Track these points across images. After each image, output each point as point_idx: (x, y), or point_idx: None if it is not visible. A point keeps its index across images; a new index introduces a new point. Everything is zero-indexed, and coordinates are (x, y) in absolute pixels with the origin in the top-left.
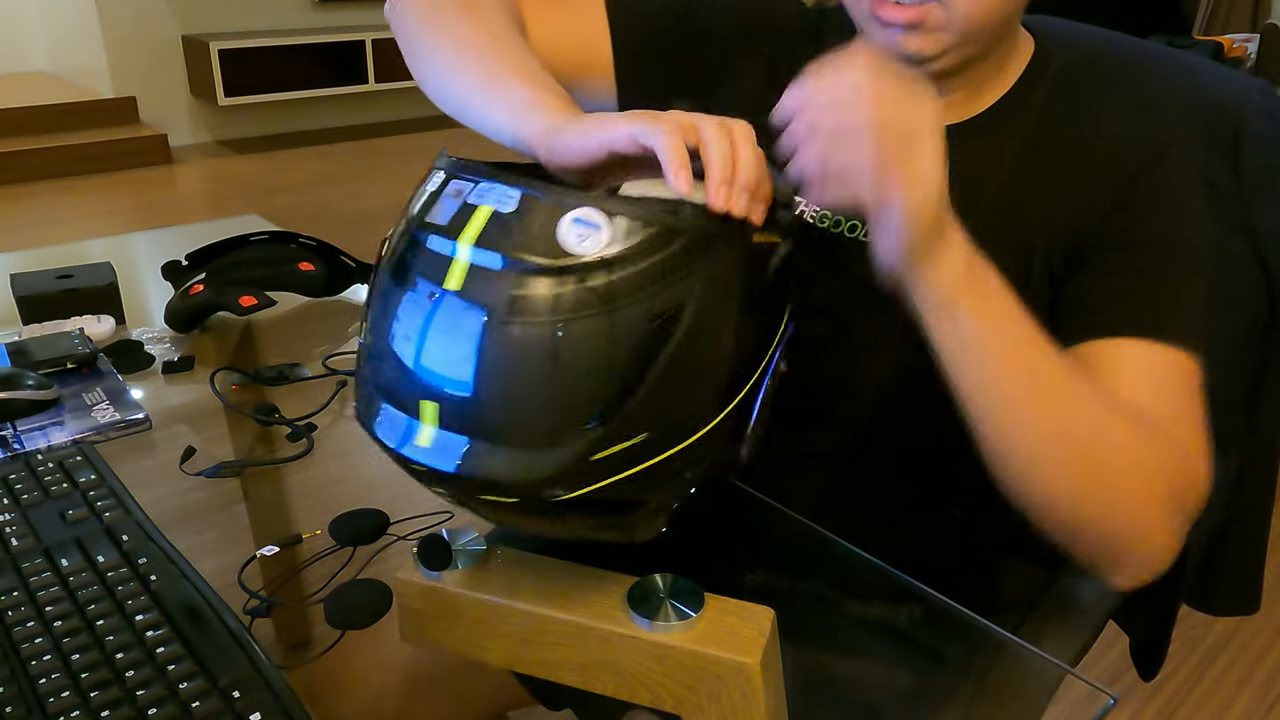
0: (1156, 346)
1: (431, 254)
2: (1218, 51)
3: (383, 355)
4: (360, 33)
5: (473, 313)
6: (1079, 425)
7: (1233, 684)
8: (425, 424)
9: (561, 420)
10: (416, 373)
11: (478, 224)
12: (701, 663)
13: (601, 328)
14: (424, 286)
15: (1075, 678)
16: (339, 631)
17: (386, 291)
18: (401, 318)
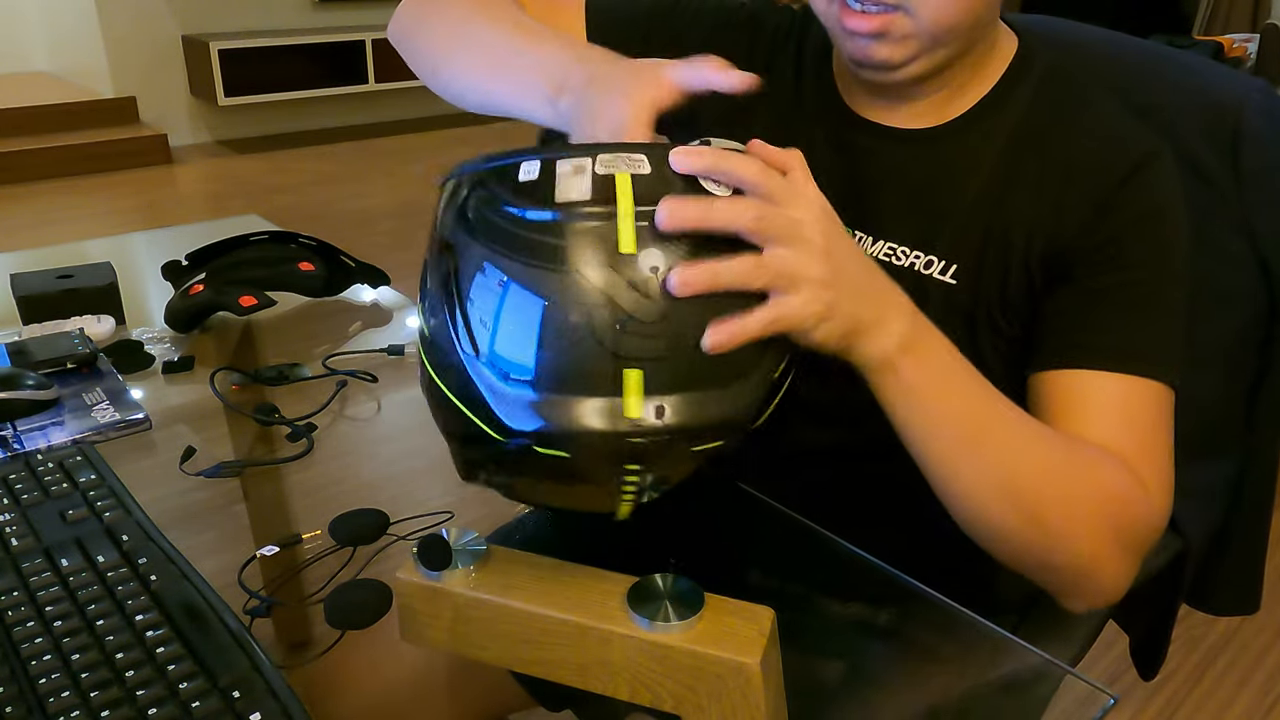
0: (1131, 380)
1: (585, 229)
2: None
3: (551, 349)
4: (360, 33)
5: (659, 268)
6: (1020, 478)
7: (1233, 684)
8: (631, 396)
9: (748, 352)
10: (612, 346)
11: (626, 188)
12: (701, 663)
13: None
14: (590, 260)
15: (1075, 678)
16: (339, 631)
17: (531, 287)
18: (567, 303)
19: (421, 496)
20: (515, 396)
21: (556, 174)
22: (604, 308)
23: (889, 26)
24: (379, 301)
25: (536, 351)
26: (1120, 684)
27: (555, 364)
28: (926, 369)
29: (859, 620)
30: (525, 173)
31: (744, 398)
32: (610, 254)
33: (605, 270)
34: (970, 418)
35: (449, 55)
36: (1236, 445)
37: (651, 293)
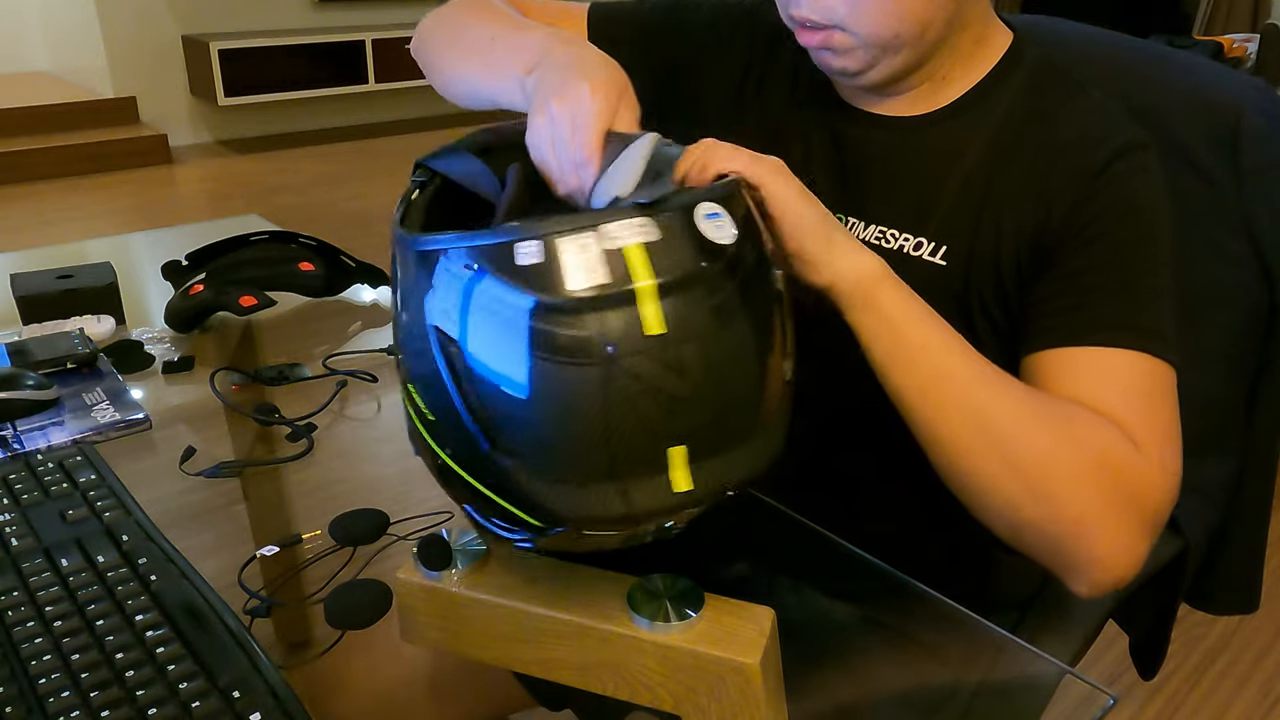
0: (1121, 353)
1: (608, 318)
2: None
3: (588, 443)
4: (360, 33)
5: (690, 343)
6: (997, 419)
7: (1233, 684)
8: (677, 471)
9: (780, 381)
10: (654, 430)
11: (642, 263)
12: (701, 663)
13: (769, 292)
14: (615, 348)
15: (1075, 677)
16: (339, 631)
17: (556, 383)
18: (602, 395)
19: (421, 496)
20: (555, 492)
21: (560, 257)
22: (642, 395)
23: (830, 42)
24: (379, 301)
25: (573, 446)
26: (1120, 684)
27: (596, 456)
28: (902, 302)
29: (858, 619)
30: (523, 255)
31: (778, 435)
32: (639, 338)
33: (638, 358)
34: (946, 354)
35: (446, 55)
36: (1236, 444)
37: (685, 368)
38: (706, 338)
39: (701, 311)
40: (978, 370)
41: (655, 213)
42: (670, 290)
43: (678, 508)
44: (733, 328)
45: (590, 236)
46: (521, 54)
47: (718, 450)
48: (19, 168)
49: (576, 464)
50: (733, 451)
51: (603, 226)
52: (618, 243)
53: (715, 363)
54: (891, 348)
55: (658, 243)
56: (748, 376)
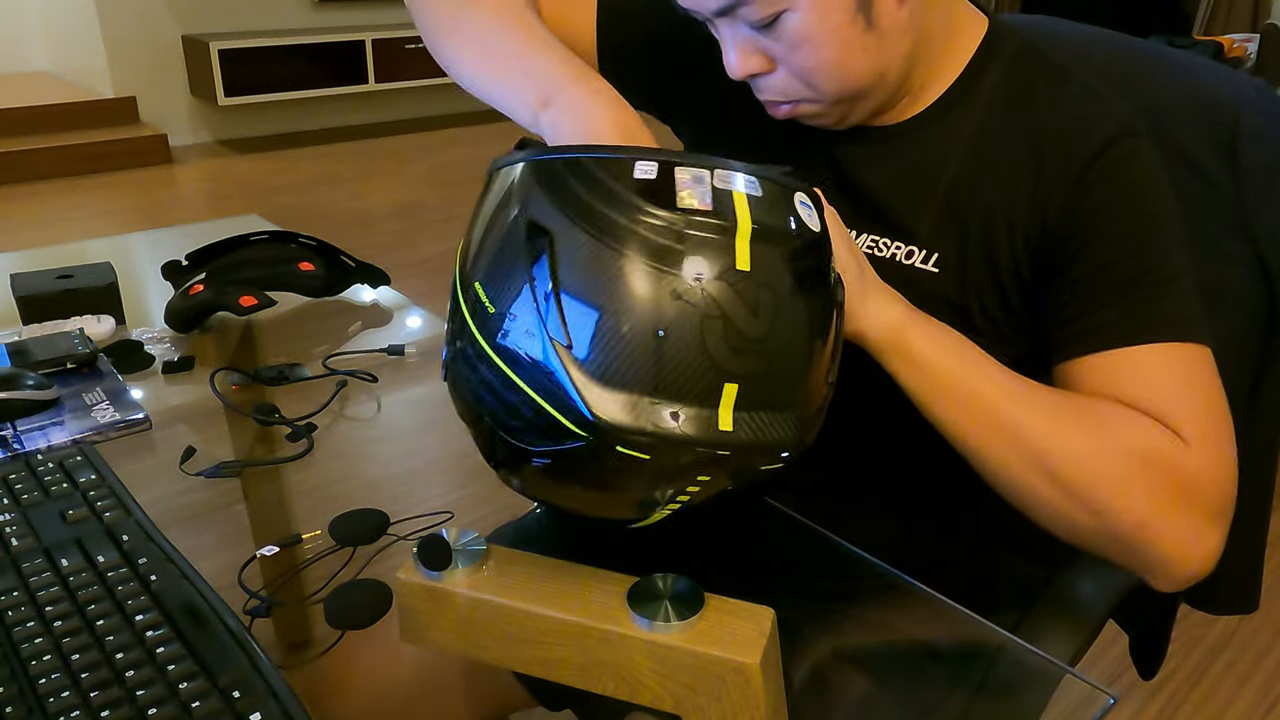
0: (1150, 348)
1: (707, 240)
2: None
3: (656, 353)
4: (360, 33)
5: (765, 289)
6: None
7: (1233, 684)
8: (725, 408)
9: (824, 377)
10: (717, 359)
11: (744, 207)
12: (701, 663)
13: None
14: (707, 271)
15: (1075, 678)
16: (339, 631)
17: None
18: (678, 308)
19: (421, 496)
20: (609, 394)
21: (676, 178)
22: (716, 319)
23: (798, 111)
24: (379, 301)
25: (641, 353)
26: (1120, 684)
27: (658, 368)
28: (931, 342)
29: (859, 620)
30: (641, 170)
31: (808, 424)
32: (728, 268)
33: (721, 284)
34: (979, 382)
35: (448, 35)
36: (1236, 444)
37: (760, 311)
38: (781, 292)
39: (781, 269)
40: (1011, 391)
41: (765, 176)
42: (761, 238)
43: (713, 444)
44: (801, 299)
45: (704, 172)
46: (534, 82)
47: (762, 405)
48: (19, 168)
49: (641, 370)
50: (776, 414)
51: (718, 170)
52: (727, 185)
53: (782, 319)
54: (927, 387)
55: (760, 198)
56: (802, 350)
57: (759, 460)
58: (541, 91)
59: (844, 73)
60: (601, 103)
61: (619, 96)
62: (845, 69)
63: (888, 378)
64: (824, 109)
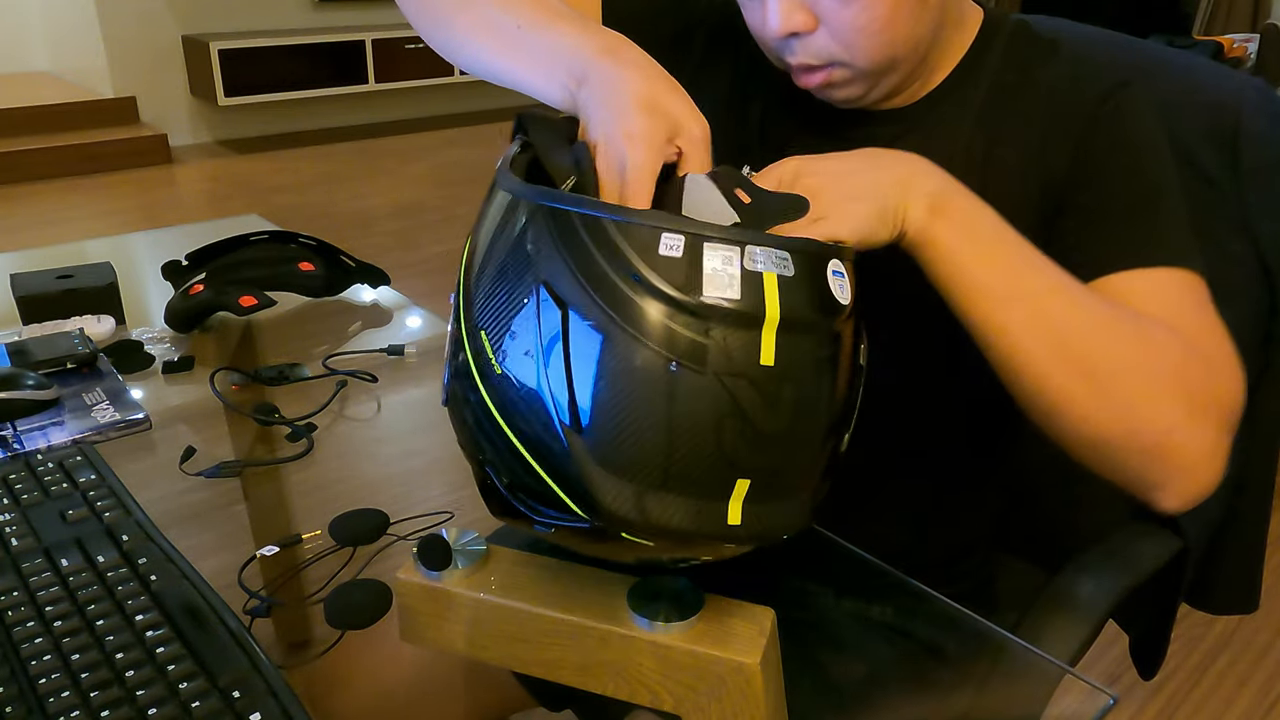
0: (1153, 271)
1: (732, 336)
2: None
3: (666, 448)
4: (360, 33)
5: (789, 384)
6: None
7: (1233, 684)
8: (735, 503)
9: (834, 455)
10: (732, 456)
11: (774, 294)
12: (701, 663)
13: (859, 363)
14: (727, 366)
15: (1075, 677)
16: (339, 631)
17: (659, 378)
18: (696, 404)
19: (421, 496)
20: (616, 483)
21: (704, 260)
22: (735, 418)
23: (831, 78)
24: (379, 301)
25: (653, 446)
26: (1120, 684)
27: (669, 462)
28: (965, 235)
29: (858, 619)
30: (667, 246)
31: (813, 503)
32: (751, 365)
33: (743, 382)
34: (1011, 273)
35: (452, 17)
36: (1236, 444)
37: (779, 407)
38: (804, 385)
39: (807, 358)
40: (1053, 284)
41: (799, 250)
42: (790, 328)
43: (721, 539)
44: (825, 385)
45: (734, 251)
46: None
47: (772, 496)
48: (19, 168)
49: (649, 464)
50: (783, 502)
51: (749, 247)
52: (757, 267)
53: (803, 412)
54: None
55: (791, 279)
56: (819, 435)
57: (764, 544)
58: (572, 70)
59: (888, 35)
60: (630, 78)
61: (648, 63)
62: (890, 32)
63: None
64: (854, 77)
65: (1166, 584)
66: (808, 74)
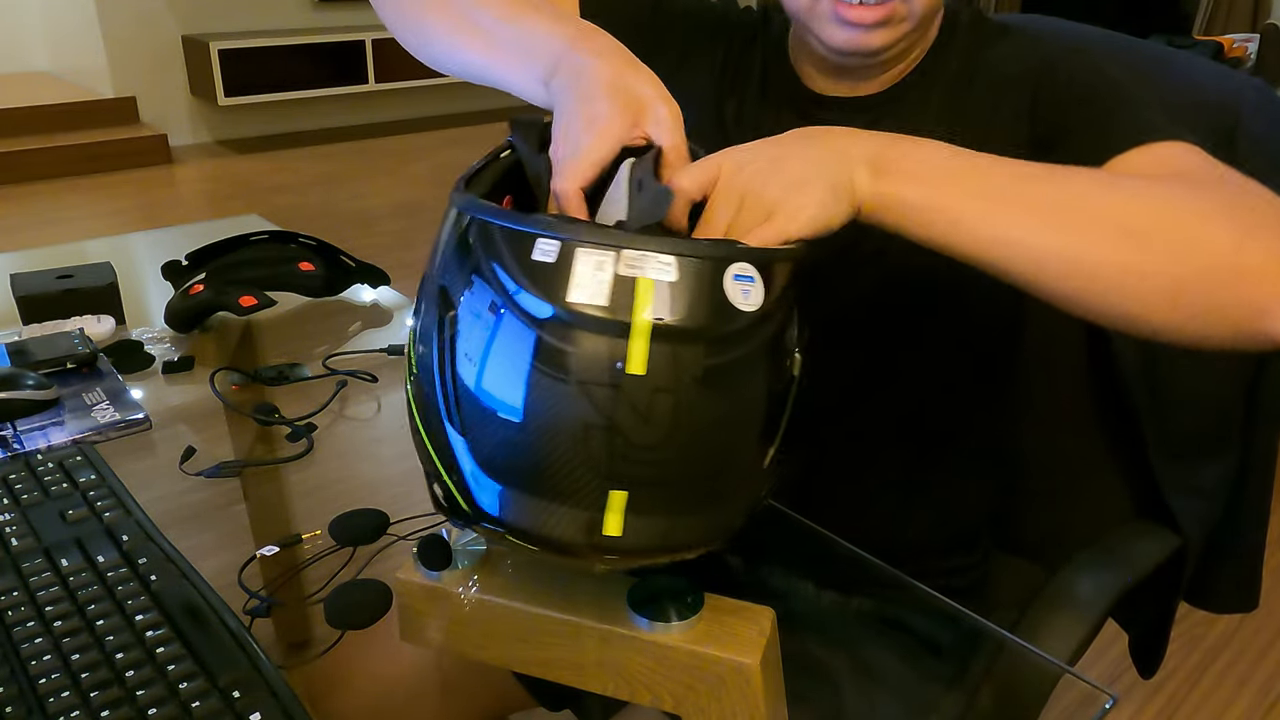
0: (1152, 147)
1: (594, 341)
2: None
3: (533, 452)
4: (360, 33)
5: (663, 394)
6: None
7: (1233, 684)
8: (612, 514)
9: (753, 465)
10: (602, 467)
11: (645, 299)
12: (701, 663)
13: (776, 374)
14: (590, 374)
15: (1075, 678)
16: (339, 631)
17: (522, 383)
18: (561, 413)
19: (421, 496)
20: (492, 487)
21: (574, 266)
22: (601, 429)
23: (892, 14)
24: (379, 301)
25: (521, 451)
26: (1120, 684)
27: (539, 469)
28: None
29: (858, 619)
30: (541, 251)
31: (730, 517)
32: (615, 372)
33: (609, 391)
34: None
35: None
36: (1236, 444)
37: (654, 418)
38: (684, 396)
39: (689, 369)
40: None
41: (685, 254)
42: (665, 336)
43: (598, 551)
44: (717, 396)
45: (609, 255)
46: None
47: (659, 510)
48: (19, 168)
49: (520, 469)
50: (676, 518)
51: (625, 251)
52: (633, 271)
53: (685, 424)
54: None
55: (674, 284)
56: (716, 449)
57: (659, 556)
58: (545, 62)
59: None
60: (597, 65)
61: (617, 49)
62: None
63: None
64: (907, 16)
65: (1166, 583)
66: (868, 10)
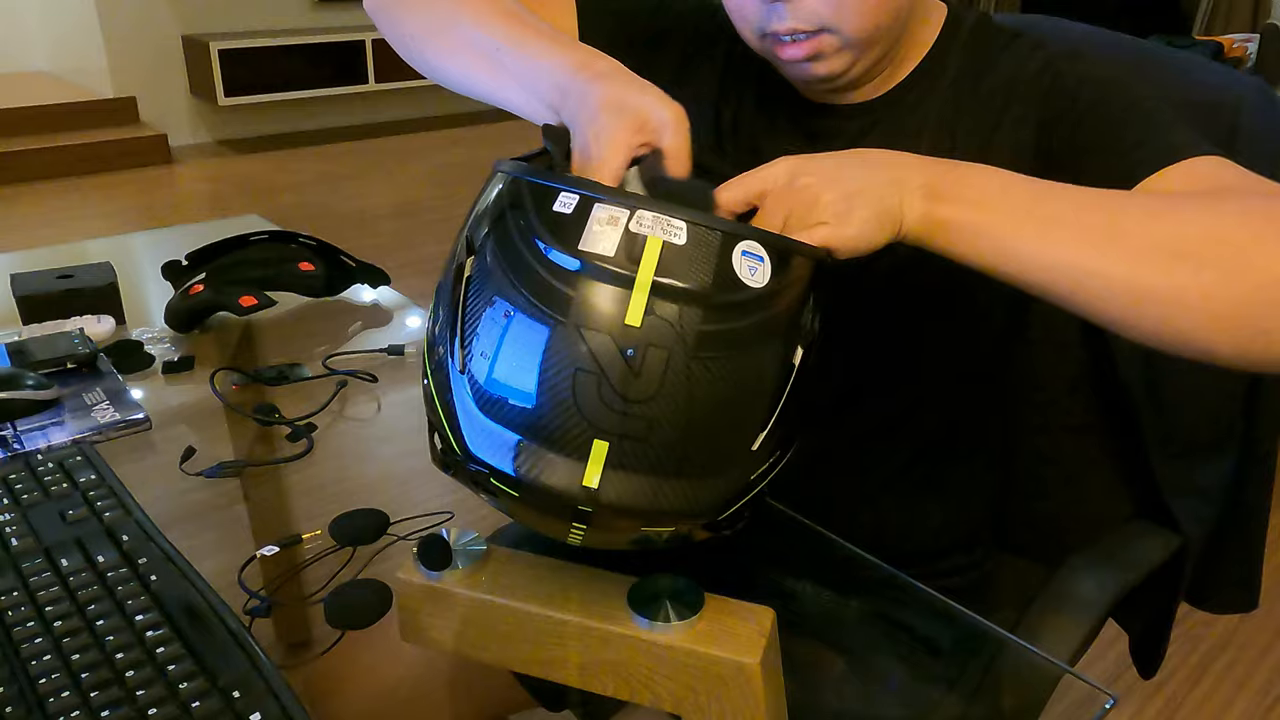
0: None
1: (598, 289)
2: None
3: (527, 393)
4: (360, 33)
5: (656, 350)
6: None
7: (1233, 684)
8: (593, 465)
9: (739, 446)
10: (589, 414)
11: (651, 257)
12: (701, 663)
13: (773, 357)
14: (588, 320)
15: (1075, 678)
16: (339, 631)
17: (522, 325)
18: (555, 355)
19: (421, 496)
20: (484, 425)
21: (590, 218)
22: (592, 375)
23: (819, 48)
24: (379, 301)
25: (515, 392)
26: (1120, 684)
27: (529, 411)
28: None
29: (858, 619)
30: (561, 203)
31: (709, 494)
32: (615, 322)
33: (604, 337)
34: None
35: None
36: (1235, 444)
37: (645, 371)
38: (676, 356)
39: (684, 329)
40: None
41: (696, 223)
42: (665, 293)
43: (575, 500)
44: (708, 363)
45: (623, 212)
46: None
47: (639, 469)
48: (19, 168)
49: (511, 410)
50: (654, 480)
51: (640, 211)
52: (644, 230)
53: (672, 383)
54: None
55: (680, 247)
56: (700, 416)
57: (637, 521)
58: (552, 91)
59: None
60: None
61: (617, 70)
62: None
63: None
64: (842, 46)
65: (1166, 583)
66: (794, 45)
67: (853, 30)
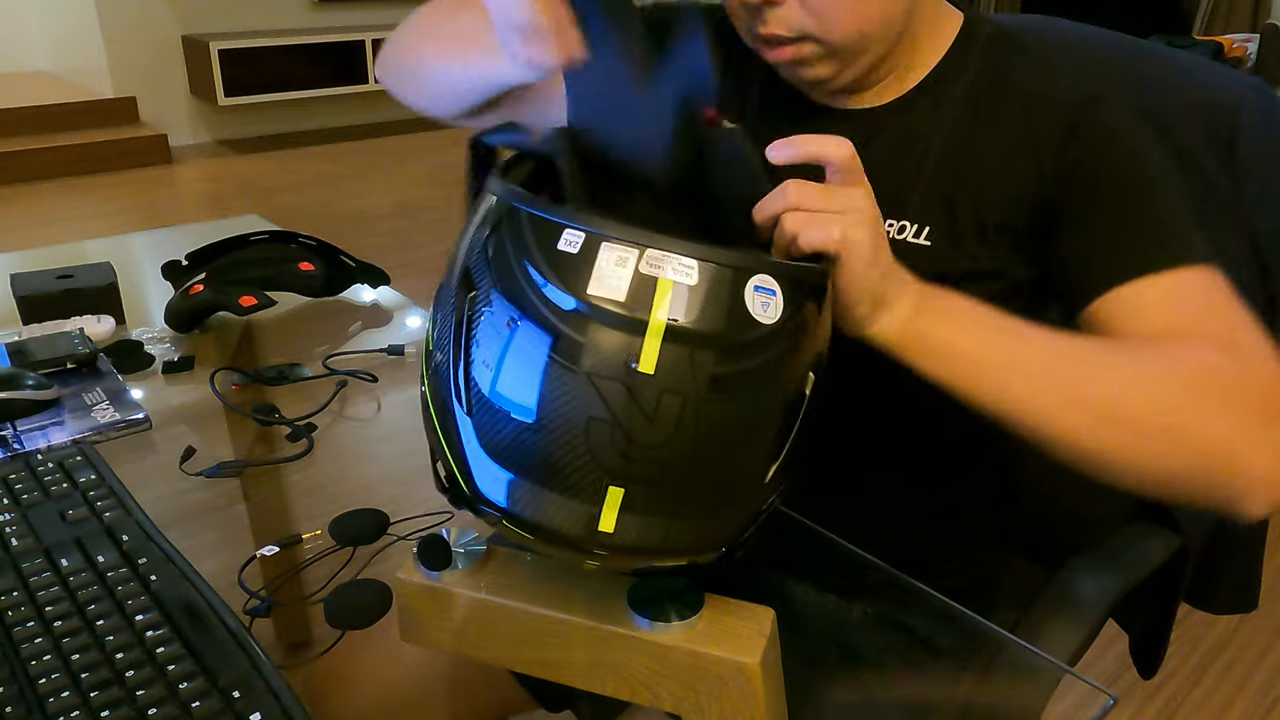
0: (1171, 274)
1: (609, 336)
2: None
3: (538, 440)
4: (360, 33)
5: (670, 395)
6: (1092, 387)
7: (1233, 684)
8: (608, 511)
9: (753, 479)
10: (603, 461)
11: (663, 300)
12: (701, 663)
13: (787, 390)
14: (600, 367)
15: (1075, 678)
16: (339, 631)
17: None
18: (568, 402)
19: (421, 496)
20: (494, 470)
21: (598, 259)
22: (606, 424)
23: (801, 54)
24: (379, 301)
25: (525, 438)
26: (1120, 684)
27: (540, 457)
28: (951, 322)
29: (858, 619)
30: (566, 242)
31: (722, 528)
32: (627, 369)
33: (617, 385)
34: (1016, 352)
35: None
36: None
37: (659, 417)
38: (691, 400)
39: (699, 373)
40: (1054, 349)
41: (709, 260)
42: (678, 338)
43: (591, 545)
44: (724, 404)
45: (632, 253)
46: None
47: (653, 511)
48: (19, 168)
49: (522, 454)
50: (669, 521)
51: (649, 250)
52: (654, 271)
53: (688, 428)
54: (959, 373)
55: (693, 288)
56: (717, 458)
57: (652, 559)
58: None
59: (860, 9)
60: None
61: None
62: (863, 6)
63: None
64: (825, 54)
65: (1166, 584)
66: (778, 48)
67: (835, 38)
